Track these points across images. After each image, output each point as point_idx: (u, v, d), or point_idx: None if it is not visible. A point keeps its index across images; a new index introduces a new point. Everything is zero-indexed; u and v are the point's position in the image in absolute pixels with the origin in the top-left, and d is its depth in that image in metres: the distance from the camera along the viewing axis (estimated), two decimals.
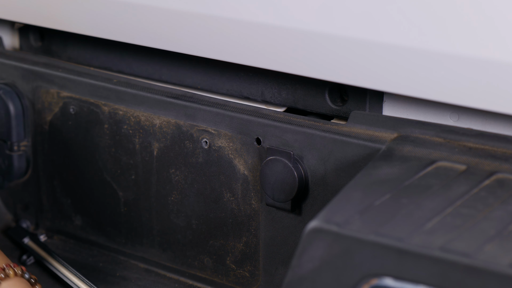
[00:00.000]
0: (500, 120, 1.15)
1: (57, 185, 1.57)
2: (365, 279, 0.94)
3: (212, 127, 1.33)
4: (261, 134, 1.29)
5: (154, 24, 1.35)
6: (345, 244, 0.96)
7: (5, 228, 1.62)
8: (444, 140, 1.14)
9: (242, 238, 1.36)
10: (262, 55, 1.26)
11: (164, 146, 1.40)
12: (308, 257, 0.98)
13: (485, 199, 1.00)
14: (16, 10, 1.53)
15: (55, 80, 1.49)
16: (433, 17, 1.08)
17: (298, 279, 0.99)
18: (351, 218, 0.98)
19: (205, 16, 1.28)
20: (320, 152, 1.23)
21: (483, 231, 0.94)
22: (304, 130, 1.24)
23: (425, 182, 1.05)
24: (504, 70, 1.06)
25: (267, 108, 1.32)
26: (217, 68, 1.39)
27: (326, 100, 1.29)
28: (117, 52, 1.50)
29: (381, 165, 1.10)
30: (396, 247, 0.93)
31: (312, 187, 1.26)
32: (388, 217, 0.98)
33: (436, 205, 0.99)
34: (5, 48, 1.63)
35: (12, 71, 1.54)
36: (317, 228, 0.98)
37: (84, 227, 1.56)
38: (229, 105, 1.33)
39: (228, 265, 1.39)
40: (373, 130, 1.20)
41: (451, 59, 1.09)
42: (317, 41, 1.19)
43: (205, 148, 1.35)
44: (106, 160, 1.48)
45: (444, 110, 1.20)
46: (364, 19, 1.14)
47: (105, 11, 1.40)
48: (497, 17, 1.04)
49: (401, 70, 1.13)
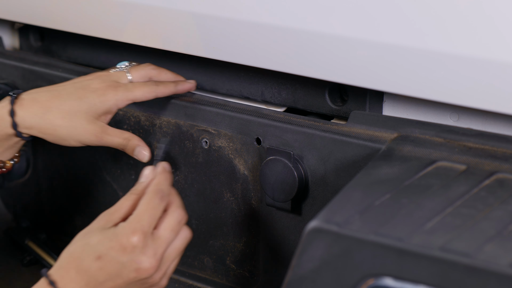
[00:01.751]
0: (500, 120, 1.15)
1: (57, 185, 1.57)
2: (365, 279, 0.94)
3: (212, 127, 1.33)
4: (261, 134, 1.28)
5: (153, 24, 1.35)
6: (345, 244, 0.96)
7: (5, 228, 1.62)
8: (444, 140, 1.14)
9: (242, 238, 1.36)
10: (262, 55, 1.26)
11: None
12: (308, 257, 0.98)
13: (485, 199, 1.00)
14: (16, 10, 1.53)
15: (55, 80, 1.48)
16: (433, 17, 1.08)
17: (298, 279, 0.99)
18: (351, 218, 0.98)
19: (205, 16, 1.28)
20: (320, 152, 1.23)
21: (483, 231, 0.94)
22: (304, 130, 1.24)
23: (425, 182, 1.05)
24: (504, 70, 1.06)
25: (267, 108, 1.32)
26: (217, 68, 1.39)
27: (326, 100, 1.29)
28: (117, 52, 1.50)
29: (381, 165, 1.10)
30: (396, 247, 0.93)
31: (312, 187, 1.25)
32: (388, 217, 0.98)
33: (436, 205, 0.99)
34: (5, 48, 1.63)
35: (12, 71, 1.54)
36: (317, 228, 0.98)
37: (84, 227, 1.56)
38: (229, 105, 1.33)
39: (228, 265, 1.39)
40: (373, 130, 1.20)
41: (451, 59, 1.09)
42: (317, 41, 1.18)
43: (205, 148, 1.35)
44: (106, 160, 1.48)
45: (444, 110, 1.20)
46: (364, 19, 1.14)
47: (105, 11, 1.40)
48: (497, 17, 1.04)
49: (401, 70, 1.13)
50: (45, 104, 1.28)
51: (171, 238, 1.12)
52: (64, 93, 1.29)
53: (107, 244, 1.09)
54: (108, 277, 1.09)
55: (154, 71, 1.34)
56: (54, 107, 1.27)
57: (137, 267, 1.09)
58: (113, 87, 1.30)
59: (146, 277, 1.10)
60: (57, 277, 1.10)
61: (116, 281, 1.09)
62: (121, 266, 1.09)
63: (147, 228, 1.10)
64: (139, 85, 1.31)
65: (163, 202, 1.12)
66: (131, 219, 1.10)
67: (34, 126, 1.27)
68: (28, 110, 1.27)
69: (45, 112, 1.27)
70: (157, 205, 1.12)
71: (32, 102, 1.28)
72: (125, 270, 1.09)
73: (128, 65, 1.35)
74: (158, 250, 1.10)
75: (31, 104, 1.28)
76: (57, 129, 1.27)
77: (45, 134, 1.28)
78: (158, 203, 1.12)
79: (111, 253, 1.09)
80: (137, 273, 1.09)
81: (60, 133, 1.27)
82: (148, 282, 1.10)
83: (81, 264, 1.09)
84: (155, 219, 1.11)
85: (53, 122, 1.27)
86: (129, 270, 1.09)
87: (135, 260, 1.09)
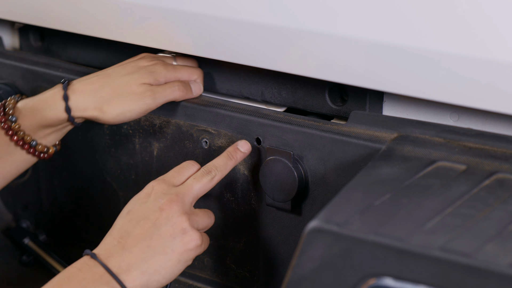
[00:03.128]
0: (500, 120, 1.15)
1: (57, 185, 1.56)
2: (365, 279, 0.94)
3: (212, 127, 1.33)
4: (261, 134, 1.28)
5: (153, 24, 1.35)
6: (345, 244, 0.96)
7: (5, 228, 1.62)
8: (444, 140, 1.14)
9: (242, 238, 1.36)
10: (262, 55, 1.25)
11: (164, 146, 1.40)
12: (308, 257, 0.98)
13: (485, 199, 1.00)
14: (16, 10, 1.53)
15: (55, 80, 1.48)
16: (433, 17, 1.08)
17: (298, 279, 0.99)
18: (351, 218, 0.98)
19: (205, 16, 1.28)
20: (320, 152, 1.23)
21: (483, 231, 0.94)
22: (304, 130, 1.24)
23: (425, 182, 1.05)
24: (504, 70, 1.06)
25: (267, 108, 1.32)
26: (217, 68, 1.39)
27: (326, 100, 1.29)
28: (117, 52, 1.50)
29: (381, 165, 1.10)
30: (396, 247, 0.93)
31: (312, 187, 1.25)
32: (388, 217, 0.97)
33: (436, 205, 0.99)
34: (5, 48, 1.63)
35: (12, 71, 1.54)
36: (317, 228, 0.97)
37: (84, 227, 1.56)
38: (229, 105, 1.33)
39: (228, 265, 1.39)
40: (373, 130, 1.20)
41: (451, 59, 1.09)
42: (317, 41, 1.18)
43: (205, 148, 1.35)
44: (106, 160, 1.48)
45: (444, 110, 1.20)
46: (364, 19, 1.13)
47: (105, 11, 1.40)
48: (496, 17, 1.04)
49: (401, 70, 1.13)
50: (97, 84, 1.31)
51: (196, 185, 1.17)
52: (114, 73, 1.32)
53: (135, 198, 1.17)
54: (136, 224, 1.13)
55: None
56: (106, 84, 1.30)
57: (160, 206, 1.13)
58: (162, 63, 1.34)
59: (171, 214, 1.12)
60: (96, 250, 1.14)
61: (145, 226, 1.12)
62: (146, 208, 1.14)
63: (169, 178, 1.17)
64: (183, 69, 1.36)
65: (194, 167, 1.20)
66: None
67: (88, 106, 1.30)
68: (81, 93, 1.30)
69: (98, 91, 1.30)
70: (184, 165, 1.20)
71: (84, 85, 1.31)
72: (150, 211, 1.13)
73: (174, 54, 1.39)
74: (180, 191, 1.15)
75: (83, 87, 1.31)
76: (110, 103, 1.29)
77: (100, 111, 1.29)
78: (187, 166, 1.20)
79: (137, 202, 1.16)
80: (161, 211, 1.12)
81: (114, 105, 1.29)
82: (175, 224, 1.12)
83: (115, 227, 1.14)
84: (180, 174, 1.19)
85: (106, 97, 1.29)
86: (153, 210, 1.13)
87: (157, 199, 1.14)
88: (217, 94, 1.39)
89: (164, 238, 1.11)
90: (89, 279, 1.09)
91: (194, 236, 1.13)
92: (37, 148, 1.33)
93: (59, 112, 1.31)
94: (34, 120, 1.32)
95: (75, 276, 1.09)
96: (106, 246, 1.13)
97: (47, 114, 1.31)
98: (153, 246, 1.11)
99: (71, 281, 1.09)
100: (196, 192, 1.18)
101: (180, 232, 1.12)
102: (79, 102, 1.30)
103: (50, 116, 1.31)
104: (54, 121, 1.31)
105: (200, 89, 1.36)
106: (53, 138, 1.35)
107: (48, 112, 1.31)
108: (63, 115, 1.31)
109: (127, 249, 1.10)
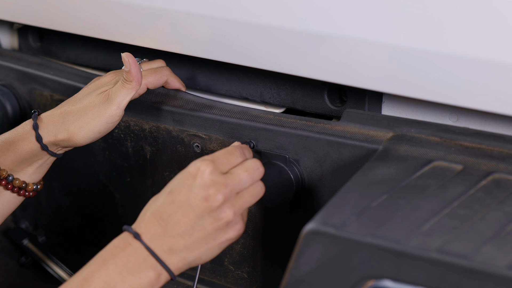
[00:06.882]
0: (500, 121, 1.15)
1: (56, 186, 1.56)
2: (363, 281, 0.94)
3: (202, 132, 1.32)
4: (253, 138, 1.27)
5: (153, 25, 1.35)
6: (342, 246, 0.95)
7: (4, 229, 1.62)
8: (440, 139, 1.14)
9: (240, 239, 1.36)
10: (261, 56, 1.25)
11: (156, 150, 1.39)
12: (305, 259, 0.98)
13: (482, 200, 1.00)
14: (15, 11, 1.53)
15: (47, 83, 1.48)
16: (431, 18, 1.08)
17: (296, 281, 0.98)
18: (348, 220, 0.98)
19: (204, 17, 1.28)
20: (316, 154, 1.22)
21: (480, 232, 0.94)
22: (297, 133, 1.23)
23: (421, 182, 1.05)
24: (503, 71, 1.05)
25: (257, 108, 1.31)
26: (216, 69, 1.38)
27: (325, 100, 1.29)
28: (116, 52, 1.50)
29: (378, 165, 1.09)
30: (393, 249, 0.93)
31: (309, 189, 1.25)
32: (385, 219, 0.97)
33: (433, 206, 0.99)
34: (3, 48, 1.63)
35: (8, 72, 1.54)
36: (314, 230, 0.97)
37: (82, 228, 1.56)
38: (217, 107, 1.31)
39: (226, 266, 1.39)
40: (368, 129, 1.19)
41: (450, 60, 1.08)
42: (315, 42, 1.18)
43: (197, 152, 1.34)
44: (101, 163, 1.48)
45: (443, 111, 1.19)
46: (363, 19, 1.13)
47: (104, 12, 1.40)
48: (495, 18, 1.04)
49: (400, 71, 1.13)
50: (63, 109, 1.29)
51: (244, 176, 1.12)
52: (79, 95, 1.31)
53: (178, 177, 1.11)
54: (178, 209, 1.09)
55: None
56: (71, 107, 1.29)
57: (205, 196, 1.08)
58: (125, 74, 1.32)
59: (216, 206, 1.08)
60: (135, 226, 1.10)
61: (188, 215, 1.09)
62: (190, 194, 1.09)
63: (218, 163, 1.11)
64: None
65: (242, 156, 1.14)
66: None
67: (58, 131, 1.28)
68: (50, 120, 1.29)
69: (65, 115, 1.29)
70: (234, 151, 1.13)
71: (51, 113, 1.30)
72: (194, 199, 1.08)
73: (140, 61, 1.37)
74: (228, 181, 1.10)
75: (51, 114, 1.30)
76: (76, 122, 1.28)
77: (68, 133, 1.28)
78: (236, 153, 1.13)
79: (179, 182, 1.10)
80: (205, 202, 1.08)
81: (80, 124, 1.27)
82: (220, 217, 1.09)
83: (154, 203, 1.10)
84: (228, 160, 1.12)
85: (72, 118, 1.28)
86: (198, 199, 1.08)
87: (204, 186, 1.08)
88: (216, 95, 1.39)
89: (206, 230, 1.09)
90: (134, 261, 1.07)
91: (237, 227, 1.11)
92: (14, 183, 1.30)
93: (31, 142, 1.29)
94: (8, 154, 1.30)
95: (119, 256, 1.07)
96: (146, 224, 1.09)
97: (20, 146, 1.29)
98: (195, 236, 1.09)
99: (116, 260, 1.07)
100: (244, 185, 1.13)
101: (223, 225, 1.10)
102: (49, 129, 1.28)
103: (24, 147, 1.29)
104: (28, 152, 1.29)
105: (175, 83, 1.35)
106: (34, 175, 1.33)
107: (21, 143, 1.29)
108: (35, 145, 1.29)
109: (169, 234, 1.08)
